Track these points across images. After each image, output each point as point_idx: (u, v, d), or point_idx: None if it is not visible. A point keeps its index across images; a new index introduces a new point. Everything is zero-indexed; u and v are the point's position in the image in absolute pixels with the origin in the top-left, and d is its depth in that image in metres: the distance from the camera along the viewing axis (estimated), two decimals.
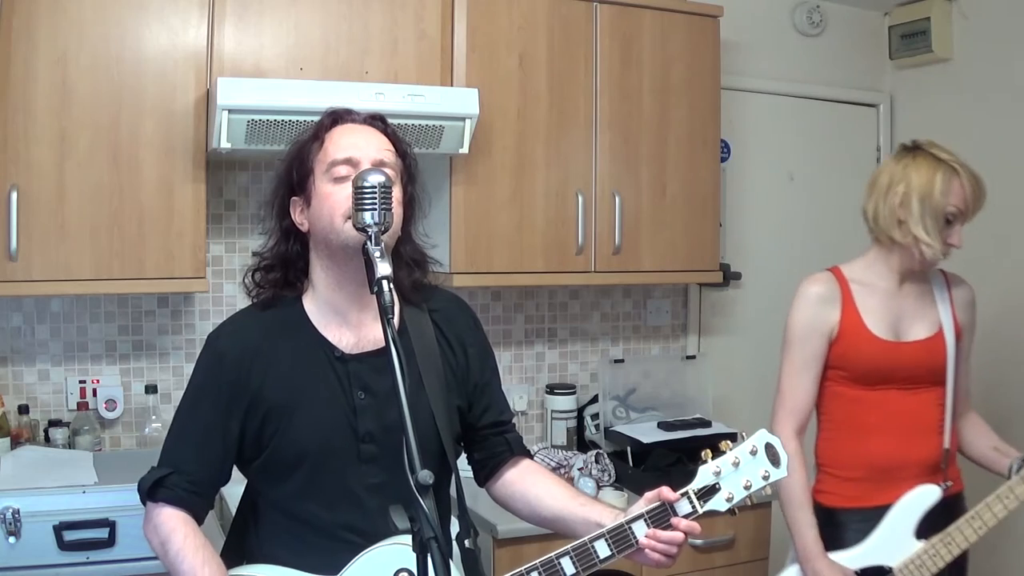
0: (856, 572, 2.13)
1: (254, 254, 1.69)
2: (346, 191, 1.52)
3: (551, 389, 3.18)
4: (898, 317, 2.21)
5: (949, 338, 2.20)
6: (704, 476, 1.56)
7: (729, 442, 1.60)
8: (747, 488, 1.57)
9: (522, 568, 1.50)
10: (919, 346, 2.19)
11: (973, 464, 2.35)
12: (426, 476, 1.19)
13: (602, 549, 1.52)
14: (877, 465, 2.18)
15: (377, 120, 1.65)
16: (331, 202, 1.54)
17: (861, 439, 2.20)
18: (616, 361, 3.25)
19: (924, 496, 2.14)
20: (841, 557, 2.14)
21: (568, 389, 3.17)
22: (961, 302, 2.28)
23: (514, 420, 1.83)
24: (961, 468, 2.28)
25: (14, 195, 2.25)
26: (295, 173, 1.61)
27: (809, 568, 2.13)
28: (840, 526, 2.18)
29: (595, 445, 3.07)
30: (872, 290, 2.21)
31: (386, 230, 1.40)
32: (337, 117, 1.63)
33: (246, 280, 1.67)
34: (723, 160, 3.28)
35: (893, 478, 2.16)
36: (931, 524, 2.12)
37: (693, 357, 3.38)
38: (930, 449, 2.19)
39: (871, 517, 2.15)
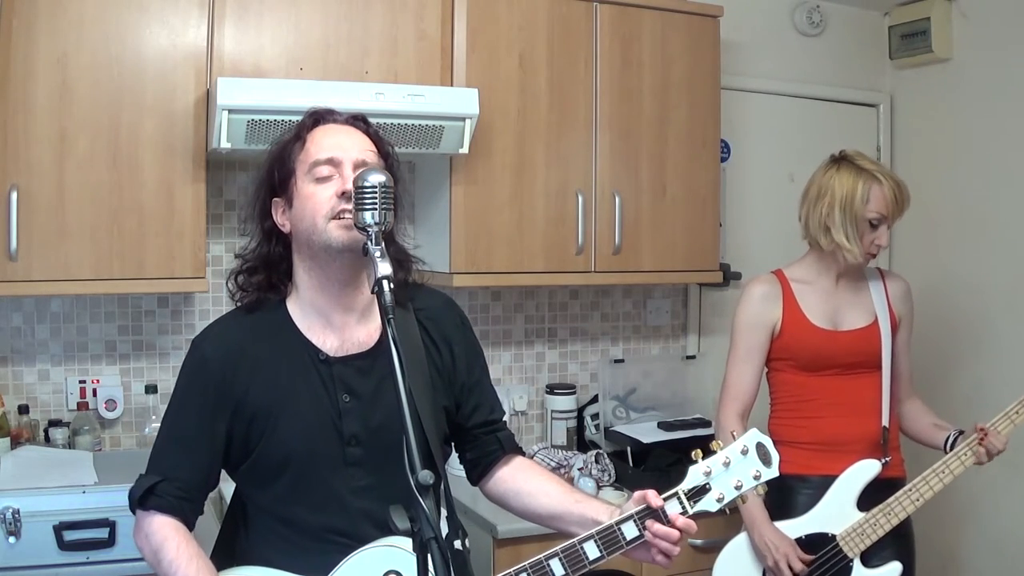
0: (802, 538, 2.30)
1: (236, 256, 1.68)
2: (328, 191, 1.53)
3: (551, 389, 3.18)
4: (836, 310, 2.44)
5: (884, 327, 2.43)
6: (694, 476, 1.56)
7: (720, 442, 1.60)
8: (738, 488, 1.56)
9: (511, 570, 1.51)
10: (856, 334, 2.42)
11: (916, 454, 2.54)
12: (426, 476, 1.19)
13: (591, 551, 1.52)
14: (823, 440, 2.38)
15: (359, 120, 1.65)
16: (314, 202, 1.54)
17: (808, 418, 2.41)
18: (616, 361, 3.25)
19: (864, 469, 2.32)
20: (787, 525, 2.32)
21: (568, 389, 3.17)
22: (896, 295, 2.51)
23: (505, 418, 1.82)
24: (904, 458, 2.47)
25: (14, 195, 2.25)
26: (276, 174, 1.61)
27: (755, 533, 2.31)
28: (790, 491, 2.35)
29: (595, 445, 3.07)
30: (812, 287, 2.45)
31: (386, 230, 1.40)
32: (319, 117, 1.63)
33: (229, 284, 1.66)
34: (723, 160, 3.28)
35: (838, 451, 2.36)
36: (873, 500, 2.29)
37: (693, 357, 3.38)
38: (870, 428, 2.40)
39: (818, 485, 2.34)
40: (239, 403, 1.57)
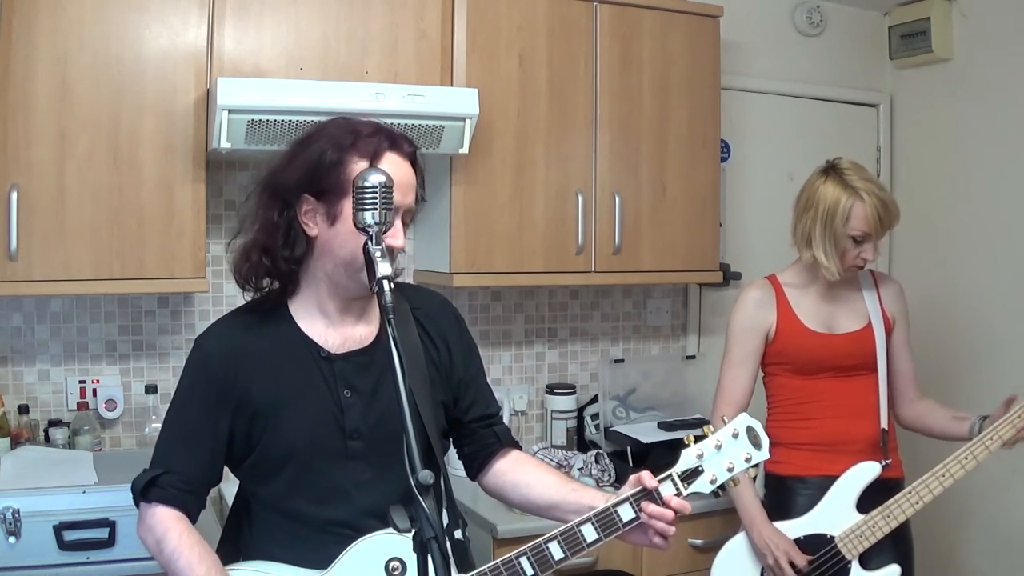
0: (800, 539, 2.30)
1: (235, 236, 1.66)
2: None
3: (551, 389, 3.18)
4: (830, 314, 2.45)
5: (878, 329, 2.44)
6: (687, 459, 1.60)
7: (711, 427, 1.64)
8: (730, 470, 1.60)
9: (511, 554, 1.53)
10: (850, 337, 2.43)
11: (914, 455, 2.54)
12: (427, 476, 1.20)
13: (589, 533, 1.55)
14: (821, 441, 2.39)
15: (412, 148, 1.61)
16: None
17: (806, 420, 2.42)
18: (616, 361, 3.25)
19: (865, 471, 2.32)
20: (786, 525, 2.33)
21: (568, 389, 3.17)
22: (889, 296, 2.51)
23: (501, 413, 1.85)
24: (903, 460, 2.47)
25: (14, 195, 2.25)
26: (324, 179, 1.54)
27: (755, 532, 2.32)
28: (789, 492, 2.38)
29: (595, 445, 3.07)
30: (805, 292, 2.46)
31: (387, 230, 1.40)
32: (392, 142, 1.57)
33: (241, 270, 1.62)
34: (723, 160, 3.28)
35: (837, 452, 2.36)
36: (872, 502, 2.29)
37: (693, 357, 3.38)
38: (868, 429, 2.41)
39: (817, 486, 2.34)
40: (241, 400, 1.59)
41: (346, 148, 1.55)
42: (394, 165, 1.54)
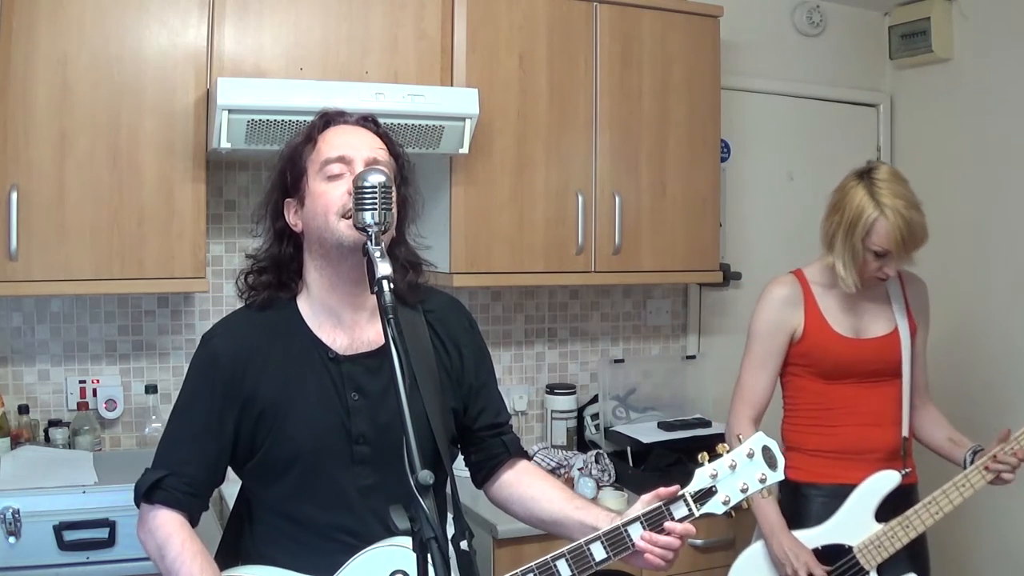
0: (818, 548, 2.24)
1: (247, 256, 1.68)
2: (340, 189, 1.53)
3: (551, 389, 3.18)
4: (857, 316, 2.36)
5: (904, 335, 2.36)
6: (700, 479, 1.57)
7: (726, 445, 1.61)
8: (744, 491, 1.57)
9: (517, 571, 1.51)
10: (877, 343, 2.34)
11: (929, 459, 2.49)
12: (426, 476, 1.19)
13: (598, 552, 1.53)
14: (840, 449, 2.32)
15: (369, 121, 1.65)
16: (325, 200, 1.54)
17: (826, 427, 2.35)
18: (616, 361, 3.25)
19: (884, 480, 2.26)
20: (804, 535, 2.26)
21: (568, 389, 3.17)
22: (915, 299, 2.42)
23: (511, 422, 1.83)
24: (916, 463, 2.42)
25: (14, 195, 2.25)
26: (288, 175, 1.61)
27: (774, 542, 2.25)
28: (806, 499, 2.32)
29: (595, 445, 3.07)
30: (832, 292, 2.35)
31: (386, 230, 1.41)
32: (329, 119, 1.64)
33: (238, 283, 1.67)
34: (723, 160, 3.28)
35: (854, 460, 2.30)
36: (888, 510, 2.25)
37: (693, 357, 3.38)
38: (890, 438, 2.34)
39: (834, 494, 2.28)
40: (247, 400, 1.57)
41: (299, 140, 1.63)
42: (336, 133, 1.60)
